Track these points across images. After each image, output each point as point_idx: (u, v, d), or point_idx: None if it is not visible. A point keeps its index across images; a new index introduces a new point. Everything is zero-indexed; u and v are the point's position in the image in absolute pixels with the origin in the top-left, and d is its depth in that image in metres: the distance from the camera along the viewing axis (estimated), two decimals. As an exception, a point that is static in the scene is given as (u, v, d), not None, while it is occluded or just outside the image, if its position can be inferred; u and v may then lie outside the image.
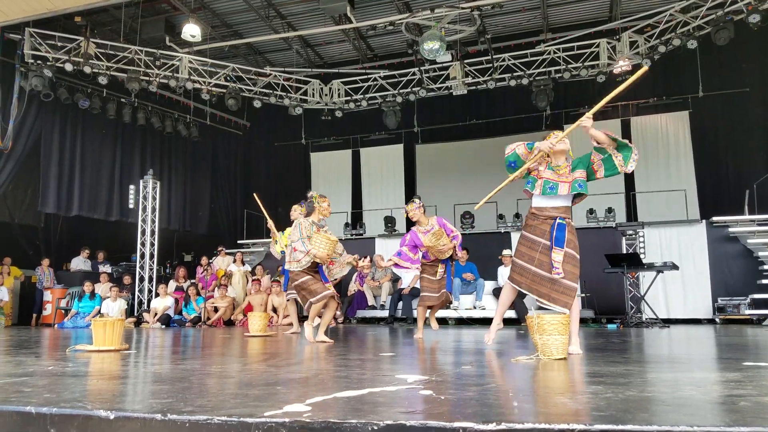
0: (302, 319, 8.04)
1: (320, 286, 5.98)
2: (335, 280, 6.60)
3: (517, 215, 13.36)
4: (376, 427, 1.71)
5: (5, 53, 12.50)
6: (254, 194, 8.05)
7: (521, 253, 4.48)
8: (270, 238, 8.48)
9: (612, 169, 4.39)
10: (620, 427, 1.64)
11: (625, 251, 10.97)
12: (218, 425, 1.81)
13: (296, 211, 7.49)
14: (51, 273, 13.10)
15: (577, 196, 4.46)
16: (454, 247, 6.50)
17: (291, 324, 8.83)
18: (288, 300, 8.08)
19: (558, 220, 4.35)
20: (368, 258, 12.35)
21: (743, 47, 13.13)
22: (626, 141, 4.36)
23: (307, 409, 1.95)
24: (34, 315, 12.75)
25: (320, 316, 6.19)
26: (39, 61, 12.51)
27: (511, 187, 4.80)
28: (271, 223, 8.03)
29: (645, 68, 4.44)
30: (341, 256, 6.41)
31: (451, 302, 6.89)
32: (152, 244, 13.34)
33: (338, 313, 6.46)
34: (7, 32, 12.42)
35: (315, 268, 6.12)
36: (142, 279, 13.10)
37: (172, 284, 12.94)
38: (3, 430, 2.01)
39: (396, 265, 6.60)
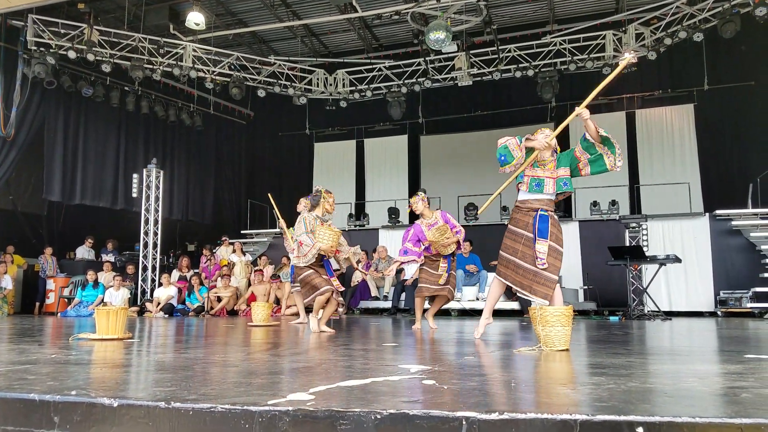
0: (308, 310, 8.01)
1: (322, 281, 6.04)
2: (339, 270, 6.64)
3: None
4: (379, 416, 1.71)
5: (8, 40, 12.48)
6: (268, 194, 8.02)
7: (506, 245, 4.55)
8: (282, 235, 8.51)
9: (600, 167, 4.46)
10: (622, 417, 1.64)
11: (628, 244, 10.95)
12: (222, 413, 1.82)
13: (302, 204, 7.50)
14: (54, 262, 13.13)
15: (561, 193, 4.56)
16: (458, 241, 6.48)
17: (296, 314, 8.87)
18: (293, 291, 8.09)
19: (540, 212, 4.43)
20: (374, 250, 12.39)
21: (749, 40, 13.06)
22: (608, 135, 4.39)
23: (310, 398, 1.96)
24: (37, 303, 12.79)
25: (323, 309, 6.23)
26: (42, 48, 12.48)
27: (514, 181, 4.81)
28: (282, 223, 8.02)
29: (629, 58, 4.54)
30: (342, 247, 6.44)
31: (451, 299, 6.83)
32: (155, 234, 13.36)
33: (341, 309, 6.45)
34: (10, 19, 12.39)
35: (320, 262, 6.20)
36: (145, 268, 13.13)
37: (176, 274, 12.96)
38: (7, 417, 2.03)
39: (402, 263, 6.60)
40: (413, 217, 6.85)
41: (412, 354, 3.93)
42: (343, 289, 6.29)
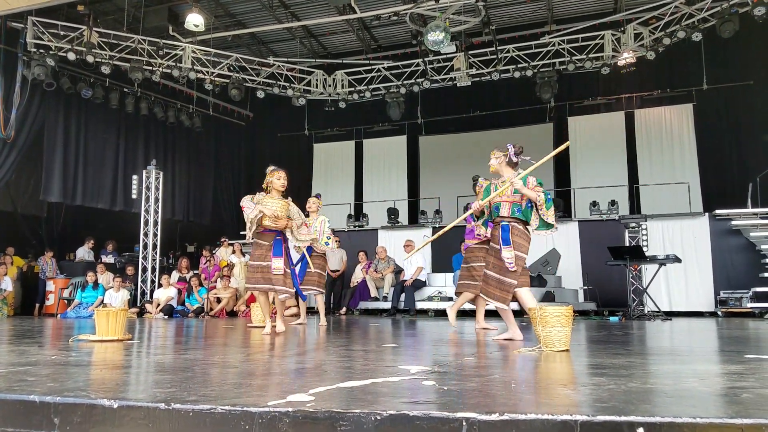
0: (309, 310, 8.05)
1: (250, 277, 5.85)
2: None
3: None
4: (379, 417, 1.71)
5: (8, 42, 12.47)
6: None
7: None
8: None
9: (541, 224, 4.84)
10: (623, 418, 1.64)
11: (627, 244, 10.95)
12: (222, 414, 1.81)
13: (314, 204, 7.52)
14: (53, 263, 13.11)
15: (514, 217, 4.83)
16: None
17: (295, 315, 8.85)
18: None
19: (502, 223, 4.79)
20: (362, 253, 12.36)
21: (748, 40, 13.06)
22: (549, 216, 4.75)
23: (310, 399, 1.95)
24: (37, 305, 12.76)
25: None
26: (41, 50, 12.48)
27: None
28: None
29: (567, 143, 5.09)
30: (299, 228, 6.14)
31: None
32: (155, 235, 13.35)
33: (316, 318, 6.24)
34: (9, 21, 12.39)
35: (270, 241, 5.91)
36: (145, 269, 13.12)
37: (175, 275, 12.96)
38: (7, 418, 2.02)
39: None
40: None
41: (412, 355, 3.92)
42: (278, 273, 5.85)
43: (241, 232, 6.05)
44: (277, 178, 5.98)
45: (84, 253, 13.75)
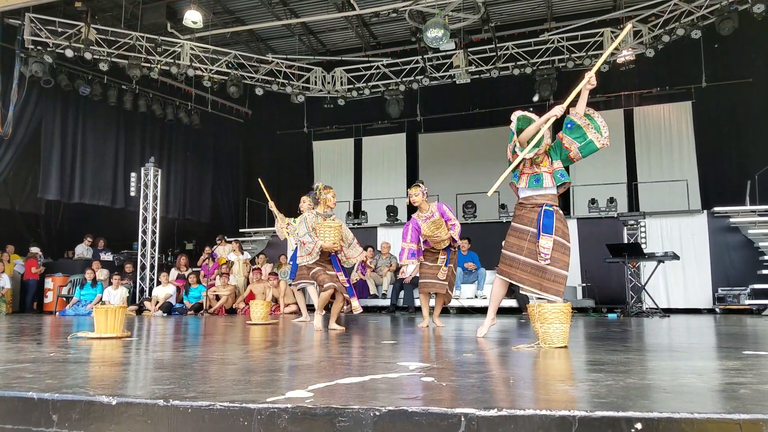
0: (309, 307, 8.09)
1: (326, 277, 6.02)
2: (351, 268, 6.68)
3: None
4: (378, 413, 1.71)
5: (5, 39, 12.44)
6: (259, 179, 8.11)
7: (510, 244, 4.46)
8: (275, 223, 8.48)
9: (591, 149, 4.47)
10: (621, 414, 1.64)
11: (626, 241, 10.96)
12: (220, 411, 1.81)
13: (305, 203, 7.48)
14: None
15: (561, 185, 4.53)
16: (452, 237, 6.42)
17: (295, 312, 8.85)
18: (298, 289, 8.02)
19: (545, 207, 4.38)
20: (370, 249, 12.39)
21: (747, 37, 13.07)
22: (589, 111, 4.51)
23: (309, 395, 1.95)
24: (35, 303, 12.67)
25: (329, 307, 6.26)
26: (39, 47, 12.45)
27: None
28: (272, 204, 8.11)
29: (631, 24, 4.60)
30: (351, 245, 6.38)
31: (447, 301, 6.86)
32: (154, 232, 13.34)
33: (355, 304, 6.30)
34: (7, 17, 12.36)
35: (327, 258, 6.18)
36: (143, 267, 13.11)
37: (174, 272, 12.94)
38: (5, 415, 2.02)
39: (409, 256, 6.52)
40: (412, 213, 6.79)
41: (410, 351, 3.92)
42: (348, 285, 6.21)
43: (300, 262, 6.26)
44: (333, 195, 6.25)
45: (83, 250, 13.73)
